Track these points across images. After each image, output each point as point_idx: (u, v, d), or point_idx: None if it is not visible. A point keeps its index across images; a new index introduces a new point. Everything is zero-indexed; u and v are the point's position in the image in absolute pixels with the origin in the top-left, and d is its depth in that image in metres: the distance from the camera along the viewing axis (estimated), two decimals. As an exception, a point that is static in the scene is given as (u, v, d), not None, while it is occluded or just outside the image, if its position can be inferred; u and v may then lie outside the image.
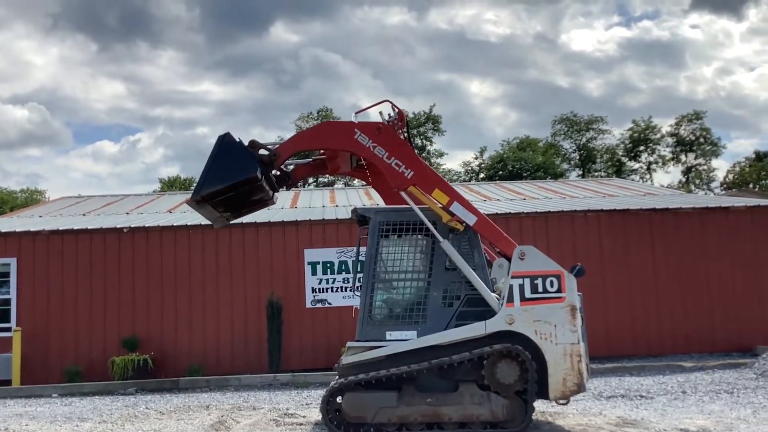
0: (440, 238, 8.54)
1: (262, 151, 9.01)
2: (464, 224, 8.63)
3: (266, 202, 9.64)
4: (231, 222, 10.08)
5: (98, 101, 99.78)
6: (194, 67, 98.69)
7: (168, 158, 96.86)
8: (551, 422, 8.89)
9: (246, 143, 8.91)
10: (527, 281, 8.31)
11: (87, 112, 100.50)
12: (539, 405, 9.10)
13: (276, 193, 9.55)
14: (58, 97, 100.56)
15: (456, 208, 8.67)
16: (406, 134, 9.25)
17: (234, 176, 8.69)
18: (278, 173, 9.39)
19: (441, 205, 8.69)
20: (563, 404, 8.90)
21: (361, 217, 9.15)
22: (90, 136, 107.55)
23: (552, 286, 8.29)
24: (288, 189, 10.15)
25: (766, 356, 13.53)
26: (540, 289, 8.28)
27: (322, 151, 9.76)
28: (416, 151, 9.39)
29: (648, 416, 9.32)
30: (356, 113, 9.30)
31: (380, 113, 9.19)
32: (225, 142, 8.81)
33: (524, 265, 8.37)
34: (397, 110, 9.13)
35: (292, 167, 9.78)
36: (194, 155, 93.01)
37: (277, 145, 9.16)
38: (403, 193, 8.79)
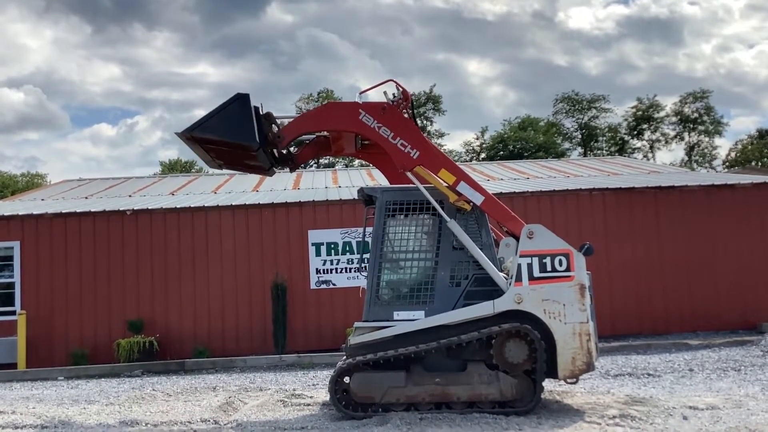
0: (447, 218, 8.48)
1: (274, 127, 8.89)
2: (471, 204, 8.57)
3: (263, 171, 9.52)
4: (224, 169, 9.99)
5: (94, 84, 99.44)
6: (190, 48, 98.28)
7: (166, 141, 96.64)
8: (560, 401, 8.87)
9: (263, 112, 8.73)
10: (536, 260, 8.25)
11: (83, 96, 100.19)
12: (548, 384, 9.06)
13: (274, 168, 9.44)
14: (53, 80, 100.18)
15: (463, 187, 8.58)
16: (411, 114, 9.14)
17: (229, 135, 8.56)
18: (283, 152, 9.29)
19: (448, 185, 8.61)
20: (572, 383, 8.84)
21: (367, 197, 9.07)
22: (87, 119, 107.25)
23: (561, 264, 8.22)
24: (292, 171, 10.05)
25: (772, 333, 13.52)
26: (549, 268, 8.21)
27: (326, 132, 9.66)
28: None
29: (656, 394, 9.30)
30: (360, 93, 9.22)
31: (384, 93, 9.06)
32: (238, 100, 8.61)
33: (533, 244, 8.30)
34: (401, 90, 9.01)
35: (295, 149, 9.68)
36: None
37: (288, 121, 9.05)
38: (409, 174, 8.70)
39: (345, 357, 8.62)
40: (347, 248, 16.31)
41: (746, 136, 60.33)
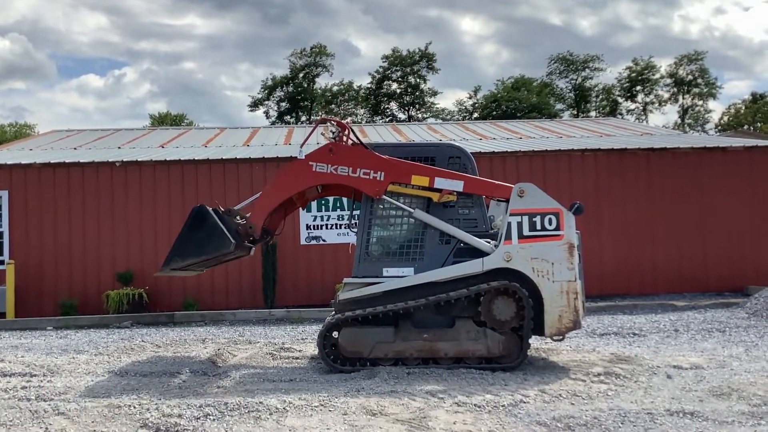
0: (410, 210, 8.53)
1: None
2: (455, 193, 8.55)
3: (245, 255, 9.71)
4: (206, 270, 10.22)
5: (81, 33, 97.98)
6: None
7: (154, 94, 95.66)
8: (546, 358, 8.97)
9: (223, 209, 8.88)
10: (525, 219, 8.26)
11: (70, 45, 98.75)
12: (534, 341, 9.18)
13: (253, 248, 9.55)
14: (39, 28, 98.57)
15: (439, 182, 8.56)
16: (356, 139, 9.01)
17: (205, 252, 8.75)
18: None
19: (425, 187, 8.56)
20: (558, 341, 8.97)
21: (359, 153, 9.02)
22: (75, 69, 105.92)
23: (550, 223, 8.25)
24: (269, 242, 9.96)
25: (757, 296, 13.64)
26: (538, 226, 8.23)
27: None
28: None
29: (641, 353, 9.40)
30: (301, 147, 9.16)
31: (322, 134, 9.15)
32: (197, 215, 8.77)
33: (523, 203, 8.30)
34: (335, 123, 9.01)
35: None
36: (181, 91, 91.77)
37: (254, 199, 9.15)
38: (386, 197, 8.64)
39: (334, 312, 8.68)
40: (338, 204, 16.27)
41: (739, 100, 60.27)
